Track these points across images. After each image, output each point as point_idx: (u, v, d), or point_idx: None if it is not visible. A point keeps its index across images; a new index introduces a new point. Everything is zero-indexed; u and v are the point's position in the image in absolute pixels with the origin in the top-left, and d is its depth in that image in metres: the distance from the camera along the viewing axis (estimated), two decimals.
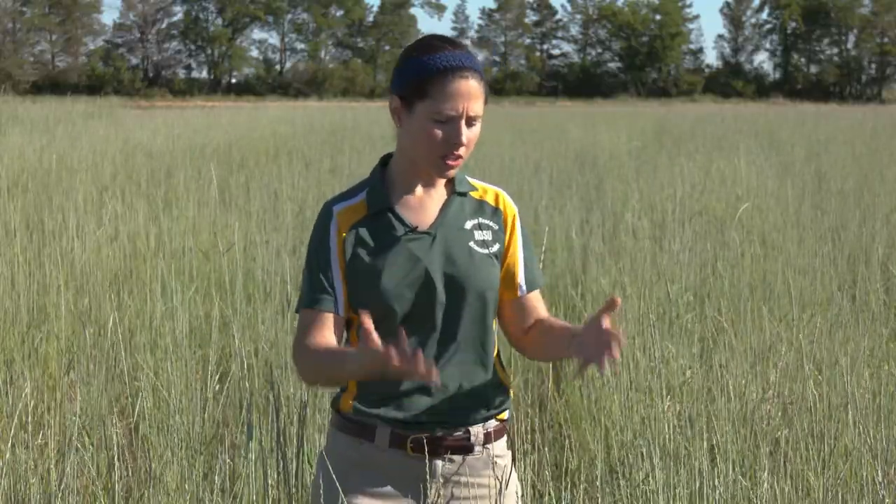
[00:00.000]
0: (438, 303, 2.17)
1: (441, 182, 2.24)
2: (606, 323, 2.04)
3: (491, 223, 2.24)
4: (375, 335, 1.90)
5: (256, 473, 3.47)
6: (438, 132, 2.12)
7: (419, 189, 2.22)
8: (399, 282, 2.15)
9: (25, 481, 3.42)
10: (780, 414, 3.79)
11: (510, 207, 2.27)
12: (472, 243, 2.20)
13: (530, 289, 2.27)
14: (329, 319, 2.17)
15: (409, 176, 2.22)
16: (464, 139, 2.13)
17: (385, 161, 2.27)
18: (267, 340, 4.72)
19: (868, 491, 3.27)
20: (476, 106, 2.14)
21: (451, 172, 2.18)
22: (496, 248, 2.23)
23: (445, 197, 2.23)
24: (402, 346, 1.88)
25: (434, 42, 2.17)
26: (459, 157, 2.15)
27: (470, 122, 2.14)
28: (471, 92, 2.13)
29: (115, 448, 3.55)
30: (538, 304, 2.29)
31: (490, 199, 2.26)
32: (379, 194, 2.21)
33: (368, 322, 1.92)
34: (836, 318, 5.10)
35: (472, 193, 2.26)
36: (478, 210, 2.24)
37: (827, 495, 3.28)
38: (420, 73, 2.12)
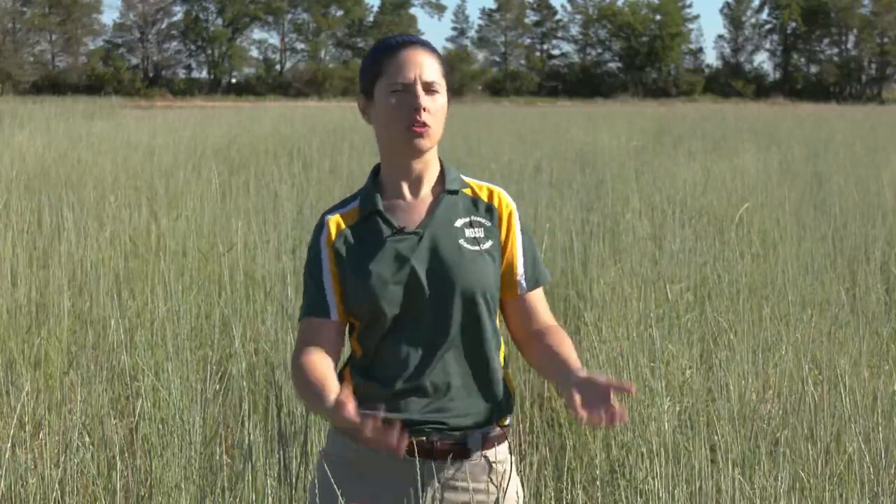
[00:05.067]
0: (427, 301, 2.16)
1: (430, 181, 2.23)
2: (614, 399, 1.97)
3: (483, 220, 2.22)
4: (351, 406, 1.91)
5: (256, 473, 3.47)
6: (396, 102, 2.16)
7: (408, 190, 2.22)
8: (387, 282, 2.15)
9: (25, 481, 3.42)
10: (780, 414, 3.79)
11: (506, 204, 2.25)
12: (462, 241, 2.19)
13: (531, 287, 2.25)
14: (324, 326, 2.18)
15: (396, 177, 2.22)
16: (421, 102, 2.14)
17: (376, 169, 2.28)
18: (267, 340, 4.72)
19: (867, 491, 3.27)
20: (429, 72, 2.17)
21: (422, 143, 2.17)
22: (489, 244, 2.21)
23: (434, 196, 2.23)
24: (376, 422, 1.90)
25: (384, 39, 2.27)
26: (424, 124, 2.15)
27: (429, 89, 2.17)
28: (420, 60, 2.17)
29: (115, 448, 3.55)
30: (540, 305, 2.26)
31: (484, 196, 2.25)
32: (369, 198, 2.22)
33: (347, 394, 1.93)
34: (836, 318, 5.10)
35: (465, 191, 2.24)
36: (471, 208, 2.23)
37: (826, 495, 3.28)
38: (372, 59, 2.22)
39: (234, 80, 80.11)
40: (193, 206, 8.21)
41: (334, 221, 2.22)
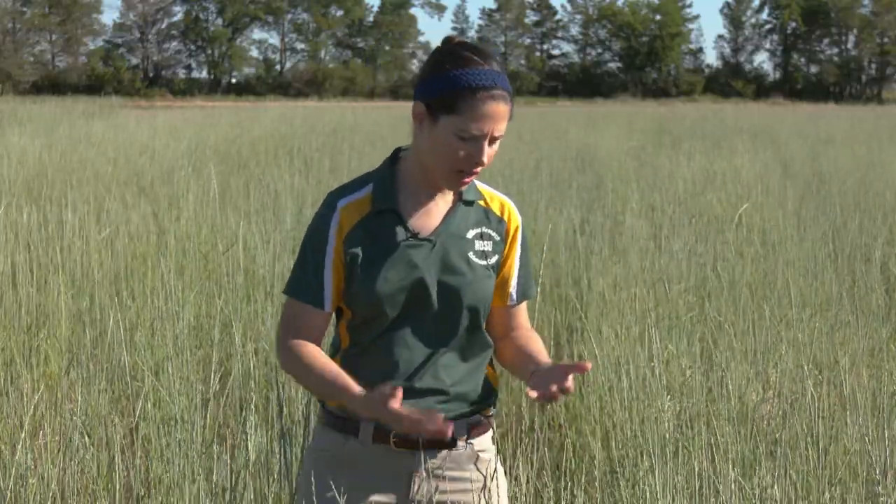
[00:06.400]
0: (431, 309, 2.18)
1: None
2: (570, 382, 2.07)
3: (493, 233, 2.24)
4: (397, 403, 1.98)
5: (257, 473, 3.47)
6: (461, 149, 2.10)
7: (426, 192, 2.21)
8: (394, 286, 2.16)
9: (25, 481, 3.42)
10: (780, 414, 3.79)
11: (515, 218, 2.27)
12: (471, 254, 2.20)
13: (520, 300, 2.29)
14: (315, 315, 2.20)
15: (418, 178, 2.20)
16: (485, 159, 2.12)
17: (395, 155, 2.26)
18: (267, 340, 4.71)
19: (868, 491, 3.27)
20: (501, 127, 2.12)
21: (463, 187, 2.19)
22: (494, 259, 2.23)
23: (451, 203, 2.22)
24: (415, 413, 2.00)
25: (466, 54, 2.12)
26: (475, 174, 2.15)
27: (492, 141, 2.13)
28: (499, 114, 2.11)
29: (115, 448, 3.55)
30: (522, 315, 2.31)
31: (496, 209, 2.26)
32: (386, 192, 2.19)
33: (398, 396, 1.98)
34: (836, 318, 5.10)
35: (479, 202, 2.25)
36: (482, 219, 2.24)
37: (827, 495, 3.28)
38: (451, 88, 2.09)
39: (234, 80, 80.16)
40: (193, 206, 8.21)
41: (346, 212, 2.18)
